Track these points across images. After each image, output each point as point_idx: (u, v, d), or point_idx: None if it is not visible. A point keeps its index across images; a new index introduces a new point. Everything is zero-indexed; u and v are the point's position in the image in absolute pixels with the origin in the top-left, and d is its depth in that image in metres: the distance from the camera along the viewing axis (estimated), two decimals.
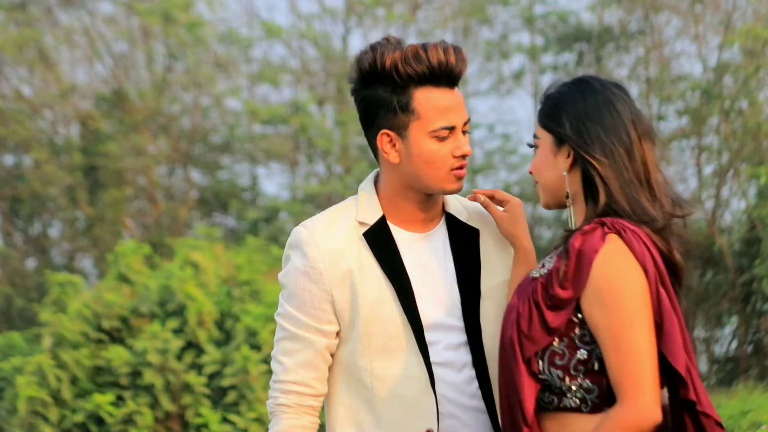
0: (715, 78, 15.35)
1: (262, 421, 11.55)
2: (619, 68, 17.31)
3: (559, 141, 3.02)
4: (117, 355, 11.68)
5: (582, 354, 2.93)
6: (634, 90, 16.99)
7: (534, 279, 3.02)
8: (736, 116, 15.05)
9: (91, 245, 18.05)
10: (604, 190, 2.95)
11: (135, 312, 12.12)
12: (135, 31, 18.43)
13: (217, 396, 11.78)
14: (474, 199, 3.26)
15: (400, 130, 3.12)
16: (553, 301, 2.94)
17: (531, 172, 3.11)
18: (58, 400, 11.72)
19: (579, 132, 2.98)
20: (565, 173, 3.01)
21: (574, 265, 2.92)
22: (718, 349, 15.67)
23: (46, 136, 18.11)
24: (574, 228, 3.01)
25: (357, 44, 20.64)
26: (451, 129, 3.14)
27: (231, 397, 11.60)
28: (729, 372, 15.24)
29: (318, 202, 17.43)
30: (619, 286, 2.89)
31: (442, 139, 3.12)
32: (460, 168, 3.14)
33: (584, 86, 3.03)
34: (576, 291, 2.92)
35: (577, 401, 2.97)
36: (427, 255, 3.18)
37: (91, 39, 18.26)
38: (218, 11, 18.51)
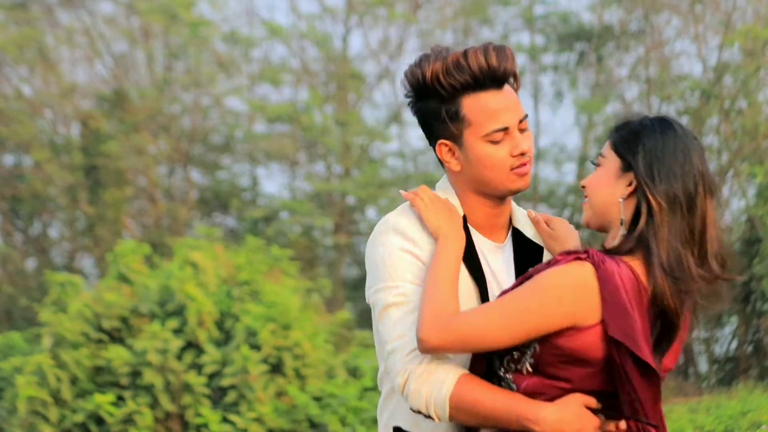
0: (714, 78, 15.36)
1: (262, 421, 11.55)
2: (619, 68, 17.33)
3: (627, 167, 3.04)
4: (117, 355, 11.68)
5: (515, 354, 3.00)
6: (634, 90, 17.00)
7: None
8: (736, 116, 15.05)
9: (91, 245, 18.05)
10: (653, 234, 2.96)
11: (135, 312, 12.12)
12: (135, 30, 18.44)
13: (217, 396, 11.78)
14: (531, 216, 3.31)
15: (456, 139, 3.13)
16: None
17: (584, 186, 3.12)
18: (58, 400, 11.72)
19: (650, 168, 2.99)
20: (621, 200, 3.03)
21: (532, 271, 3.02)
22: (718, 349, 15.67)
23: (46, 136, 18.11)
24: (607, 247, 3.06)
25: (357, 44, 20.63)
26: (505, 130, 3.13)
27: (231, 397, 11.60)
28: (729, 372, 15.24)
29: (320, 201, 17.43)
30: (546, 277, 2.94)
31: (497, 141, 3.13)
32: (522, 165, 3.15)
33: (666, 126, 3.04)
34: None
35: None
36: (498, 265, 3.20)
37: (92, 39, 18.27)
38: (220, 11, 18.52)
